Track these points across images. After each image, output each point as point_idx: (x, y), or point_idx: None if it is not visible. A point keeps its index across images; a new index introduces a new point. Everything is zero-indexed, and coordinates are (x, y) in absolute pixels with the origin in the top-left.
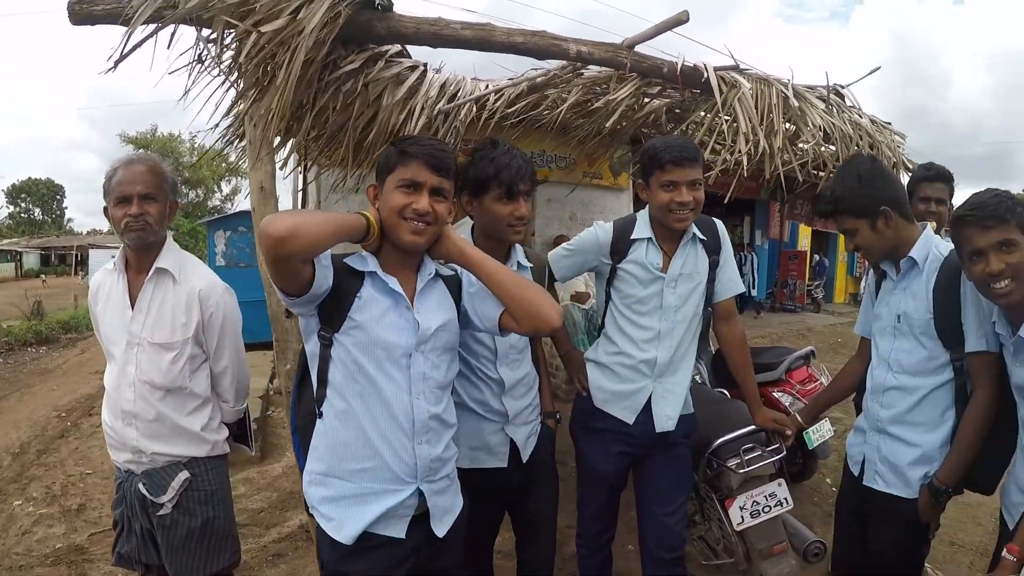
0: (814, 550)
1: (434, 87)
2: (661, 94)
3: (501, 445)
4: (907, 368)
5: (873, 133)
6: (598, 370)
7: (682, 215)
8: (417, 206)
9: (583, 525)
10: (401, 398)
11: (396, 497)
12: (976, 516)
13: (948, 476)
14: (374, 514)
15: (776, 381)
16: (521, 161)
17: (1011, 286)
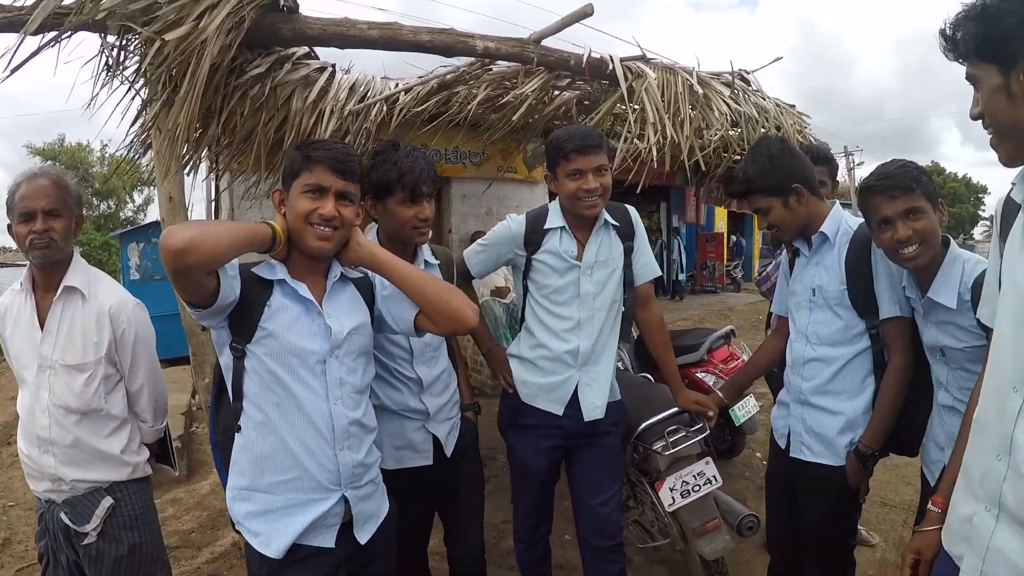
0: (747, 524)
1: (344, 88)
2: (570, 86)
3: (425, 443)
4: (825, 339)
5: (778, 115)
6: (521, 365)
7: (591, 202)
8: (323, 211)
9: (519, 520)
10: (319, 405)
11: (322, 506)
12: (905, 476)
13: (873, 440)
14: (301, 525)
15: (699, 362)
16: (423, 163)
17: (918, 251)
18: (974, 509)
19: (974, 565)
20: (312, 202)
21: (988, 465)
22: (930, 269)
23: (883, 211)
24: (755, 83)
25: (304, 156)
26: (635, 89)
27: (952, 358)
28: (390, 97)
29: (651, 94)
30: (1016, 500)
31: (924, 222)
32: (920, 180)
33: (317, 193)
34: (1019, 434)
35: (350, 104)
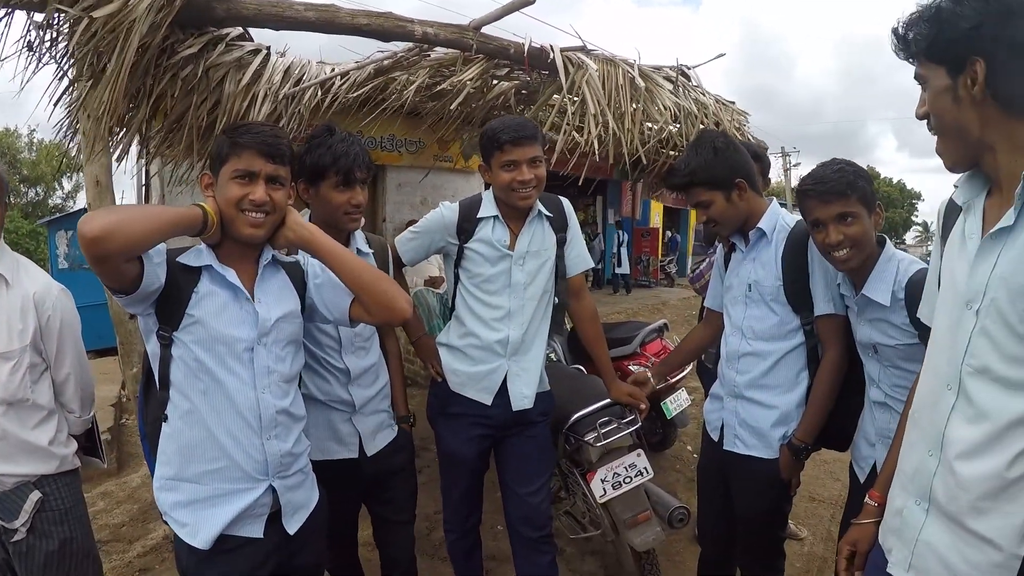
0: (678, 516)
1: (278, 72)
2: (509, 76)
3: (350, 436)
4: (760, 334)
5: (718, 111)
6: (451, 353)
7: (525, 193)
8: (253, 197)
9: (449, 510)
10: (246, 394)
11: (249, 496)
12: (833, 471)
13: (806, 434)
14: (229, 515)
15: (631, 355)
16: (358, 148)
17: (850, 254)
18: (904, 503)
19: (903, 557)
20: (242, 188)
21: (920, 460)
22: (865, 267)
23: (816, 214)
24: (696, 79)
25: (231, 141)
26: (576, 80)
27: (884, 355)
28: (325, 82)
29: (592, 86)
30: (946, 495)
31: (856, 227)
32: (856, 185)
33: (246, 179)
34: (951, 431)
35: (284, 88)
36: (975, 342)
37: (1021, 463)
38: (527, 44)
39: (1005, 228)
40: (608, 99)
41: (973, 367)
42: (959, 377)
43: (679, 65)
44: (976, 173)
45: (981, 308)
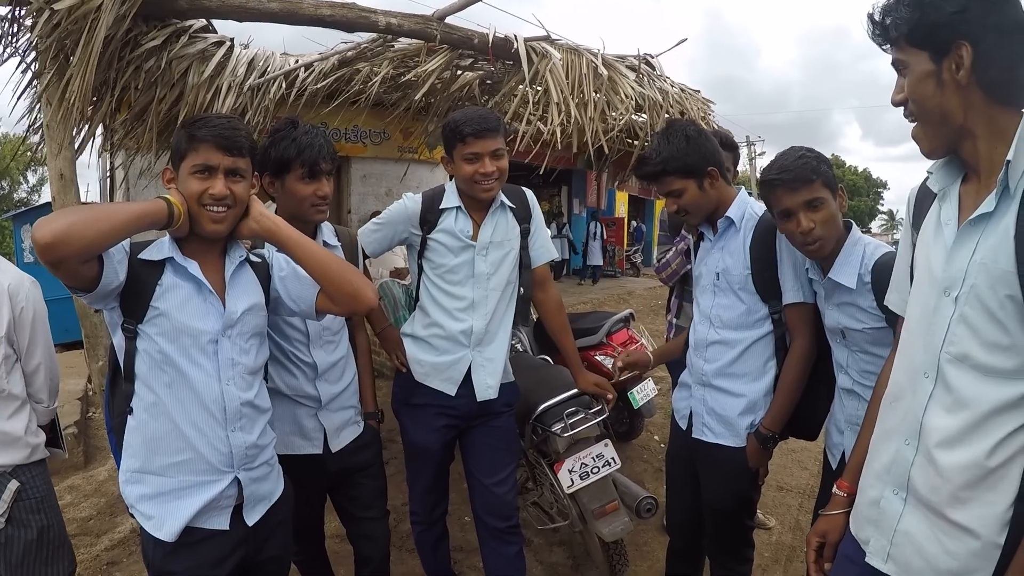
0: (646, 506)
1: (242, 64)
2: (473, 66)
3: (315, 431)
4: (728, 323)
5: (683, 100)
6: (415, 344)
7: (488, 185)
8: (213, 191)
9: (415, 502)
10: (211, 386)
11: (214, 488)
12: (800, 460)
13: (773, 422)
14: (194, 507)
15: (597, 345)
16: (323, 140)
17: (821, 241)
18: (881, 493)
19: (881, 547)
20: (201, 183)
21: (897, 449)
22: (832, 252)
23: (784, 203)
24: (660, 68)
25: (188, 135)
26: (539, 70)
27: (852, 340)
28: (290, 73)
29: (555, 75)
30: (924, 484)
31: (825, 211)
32: (819, 170)
33: (206, 173)
34: (929, 419)
35: (249, 80)
36: (954, 329)
37: (1001, 452)
38: (491, 34)
39: (985, 214)
40: (571, 88)
41: (952, 354)
42: (937, 365)
43: (643, 54)
44: (951, 160)
45: (960, 295)
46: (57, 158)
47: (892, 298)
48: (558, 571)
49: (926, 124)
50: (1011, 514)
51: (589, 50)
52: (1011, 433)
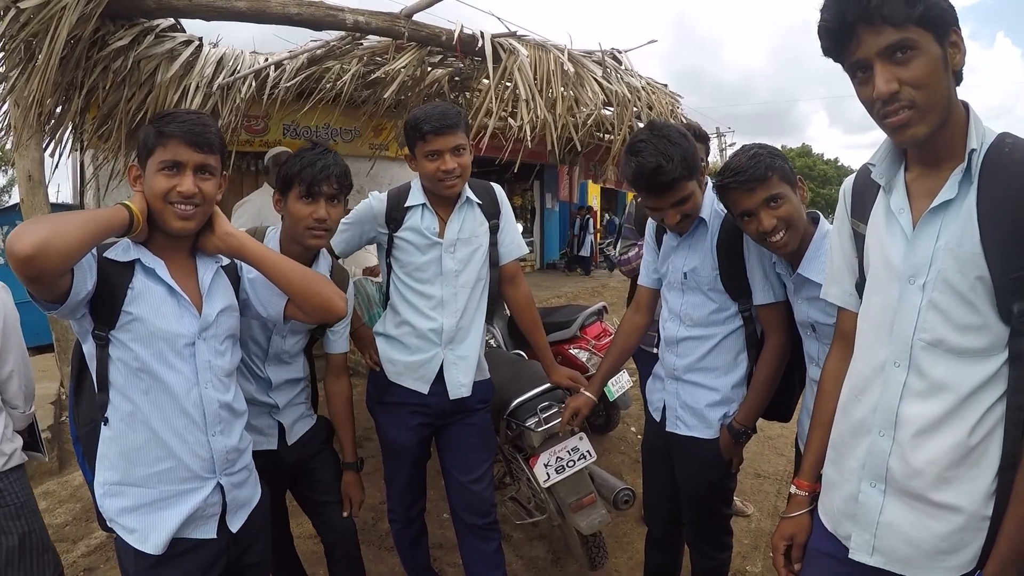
0: (623, 497)
1: (211, 63)
2: (442, 63)
3: (270, 428)
4: (698, 321)
5: (650, 94)
6: (387, 343)
7: (450, 182)
8: (182, 188)
9: (393, 499)
10: (189, 390)
11: (198, 496)
12: (777, 447)
13: (746, 418)
14: (179, 517)
15: (572, 338)
16: (331, 163)
17: (786, 237)
18: (858, 487)
19: (864, 541)
20: (169, 180)
21: (872, 442)
22: (800, 247)
23: (743, 205)
24: (627, 62)
25: (157, 131)
26: (507, 66)
27: (822, 333)
28: (259, 72)
29: (523, 72)
30: (904, 473)
31: (786, 207)
32: (774, 165)
33: (174, 169)
34: (905, 409)
35: (218, 79)
36: (924, 316)
37: (982, 428)
38: (458, 31)
39: (946, 201)
40: (539, 85)
41: (926, 341)
42: (909, 353)
43: (611, 49)
44: (893, 151)
45: (928, 281)
46: (25, 159)
47: (832, 291)
48: (538, 565)
49: (930, 112)
50: (995, 485)
51: (556, 46)
52: (989, 408)
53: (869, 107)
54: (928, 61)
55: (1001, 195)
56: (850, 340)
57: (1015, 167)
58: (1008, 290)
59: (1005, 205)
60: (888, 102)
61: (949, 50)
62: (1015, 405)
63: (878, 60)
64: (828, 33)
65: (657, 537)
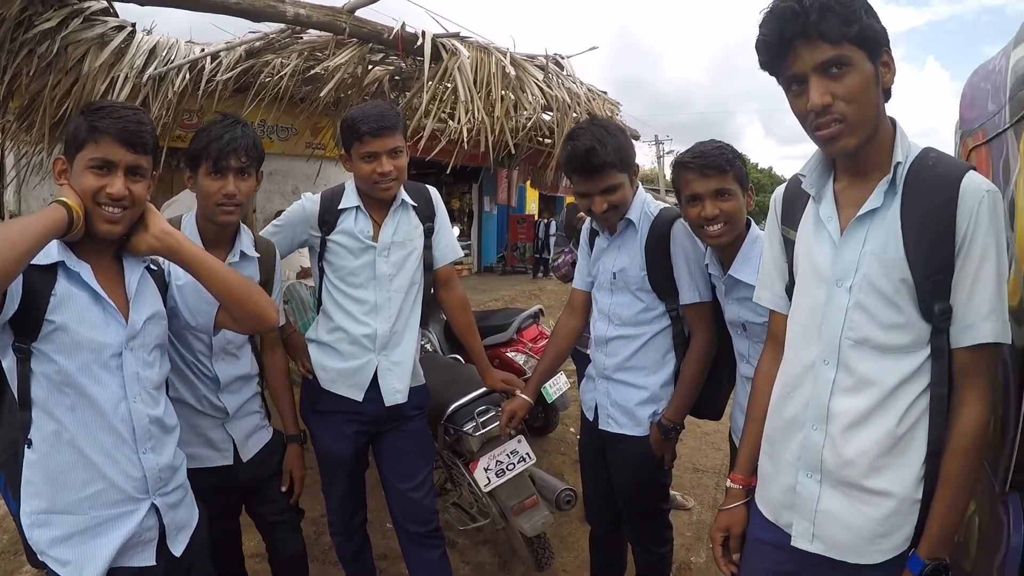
0: (565, 498)
1: (143, 51)
2: (384, 62)
3: (224, 442)
4: (626, 320)
5: (589, 101)
6: (320, 349)
7: (385, 185)
8: (111, 190)
9: (333, 512)
10: (117, 405)
11: (133, 519)
12: (714, 442)
13: (675, 414)
14: (115, 544)
15: (508, 341)
16: (239, 134)
17: (723, 230)
18: (795, 479)
19: (805, 529)
20: (98, 179)
21: (805, 436)
22: (733, 248)
23: (694, 188)
24: (569, 68)
25: (89, 125)
26: (448, 67)
27: (753, 332)
28: (194, 63)
29: (463, 73)
30: (837, 464)
31: (732, 203)
32: (734, 164)
33: (104, 169)
34: (835, 404)
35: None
36: (851, 316)
37: (908, 418)
38: (400, 28)
39: (872, 210)
40: (480, 87)
41: (853, 339)
42: (838, 351)
43: (553, 54)
44: (823, 162)
45: (854, 284)
46: None
47: (763, 295)
48: (485, 570)
49: (860, 126)
50: (924, 470)
51: (499, 48)
52: (914, 400)
53: (802, 119)
54: (860, 77)
55: (923, 205)
56: (781, 340)
57: (936, 180)
58: (929, 291)
59: (927, 214)
60: (821, 114)
61: (880, 68)
62: (937, 396)
63: (813, 74)
64: (766, 47)
65: (599, 535)
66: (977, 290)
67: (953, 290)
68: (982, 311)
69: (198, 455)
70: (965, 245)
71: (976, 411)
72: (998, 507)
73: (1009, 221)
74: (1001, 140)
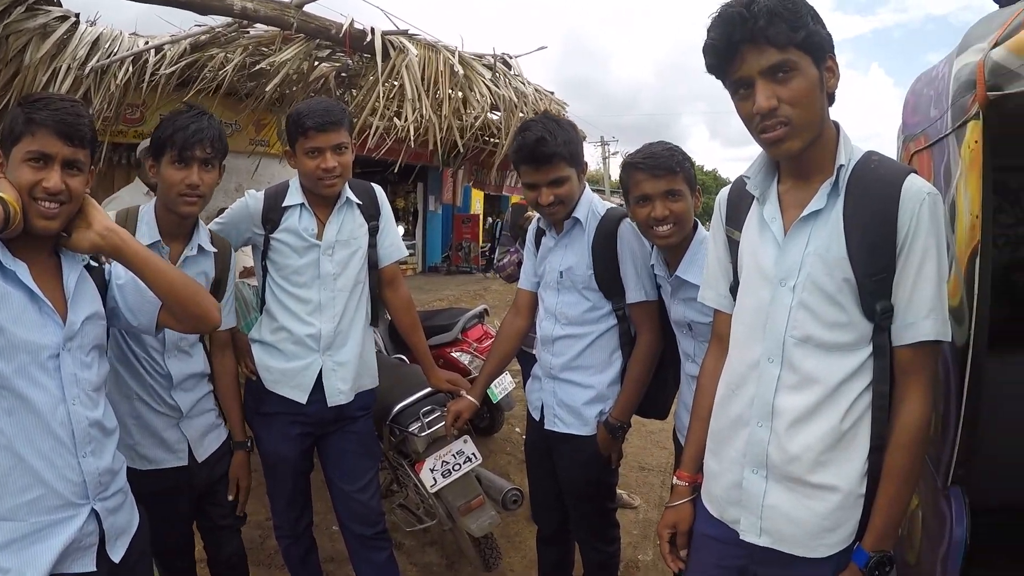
0: (512, 497)
1: (86, 43)
2: (330, 58)
3: (179, 442)
4: (573, 320)
5: (537, 101)
6: (263, 350)
7: (329, 181)
8: (47, 184)
9: (279, 515)
10: (55, 408)
11: (73, 525)
12: (659, 441)
13: (622, 413)
14: (55, 551)
15: (453, 341)
16: (204, 125)
17: (671, 231)
18: (741, 475)
19: (752, 524)
20: (35, 173)
21: (751, 432)
22: (680, 248)
23: (644, 188)
24: (516, 68)
25: (26, 117)
26: (396, 65)
27: (699, 331)
28: (138, 56)
29: (411, 71)
30: (782, 460)
31: (681, 204)
32: (683, 165)
33: (41, 162)
34: (780, 400)
35: (92, 61)
36: (795, 315)
37: (852, 414)
38: (348, 25)
39: (816, 211)
40: (427, 85)
41: (796, 337)
42: (782, 349)
43: (501, 54)
44: (767, 164)
45: (798, 284)
46: None
47: (708, 294)
48: (433, 571)
49: (805, 129)
50: (867, 465)
51: (447, 47)
52: (857, 397)
53: (748, 122)
54: (806, 82)
55: (865, 207)
56: (725, 339)
57: (879, 182)
58: (871, 291)
59: (869, 216)
60: (766, 117)
61: (825, 74)
62: (880, 393)
63: (760, 78)
64: (714, 51)
65: (547, 535)
66: (918, 289)
67: (894, 289)
68: (923, 310)
69: (152, 457)
70: (906, 246)
71: (918, 407)
72: (941, 502)
73: (950, 223)
74: (943, 145)
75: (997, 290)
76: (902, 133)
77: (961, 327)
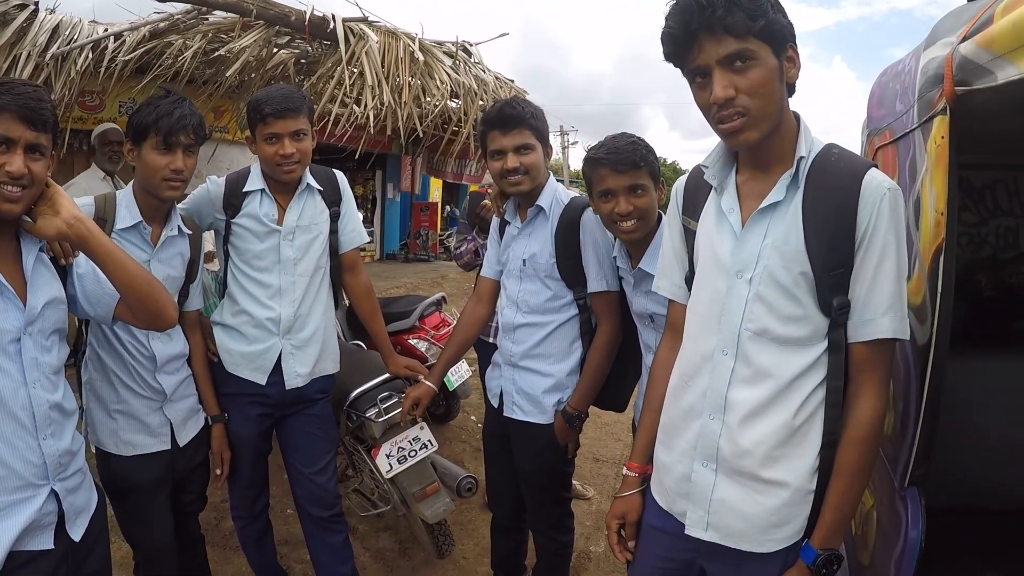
0: (466, 485)
1: (46, 30)
2: (290, 45)
3: (161, 426)
4: (534, 308)
5: (497, 89)
6: (225, 332)
7: (288, 168)
8: (10, 168)
9: (236, 496)
10: (17, 391)
11: (33, 505)
12: (615, 433)
13: (580, 402)
14: (16, 529)
15: (410, 329)
16: (187, 111)
17: (636, 225)
18: (691, 467)
19: (699, 518)
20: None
21: (703, 425)
22: (644, 241)
23: (607, 183)
24: (477, 55)
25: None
26: (356, 52)
27: (660, 324)
28: (97, 43)
29: (371, 58)
30: (734, 453)
31: (645, 199)
32: (647, 159)
33: (3, 146)
34: (733, 394)
35: (52, 48)
36: (751, 308)
37: (804, 410)
38: (308, 12)
39: (774, 203)
40: (387, 72)
41: (751, 330)
42: (737, 342)
43: (461, 41)
44: (725, 155)
45: (754, 276)
46: None
47: (663, 284)
48: (385, 556)
49: (762, 119)
50: (819, 461)
51: (408, 34)
52: (811, 392)
53: (706, 111)
54: (764, 72)
55: (825, 199)
56: (679, 330)
57: (839, 175)
58: (828, 285)
59: (828, 209)
60: (724, 107)
61: (785, 64)
62: (833, 389)
63: (717, 67)
64: (671, 39)
65: (501, 522)
66: (876, 286)
67: (852, 285)
68: (881, 307)
69: (136, 442)
70: (865, 241)
71: (872, 404)
72: (896, 502)
73: (915, 219)
74: (908, 139)
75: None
76: (867, 127)
77: (923, 326)
